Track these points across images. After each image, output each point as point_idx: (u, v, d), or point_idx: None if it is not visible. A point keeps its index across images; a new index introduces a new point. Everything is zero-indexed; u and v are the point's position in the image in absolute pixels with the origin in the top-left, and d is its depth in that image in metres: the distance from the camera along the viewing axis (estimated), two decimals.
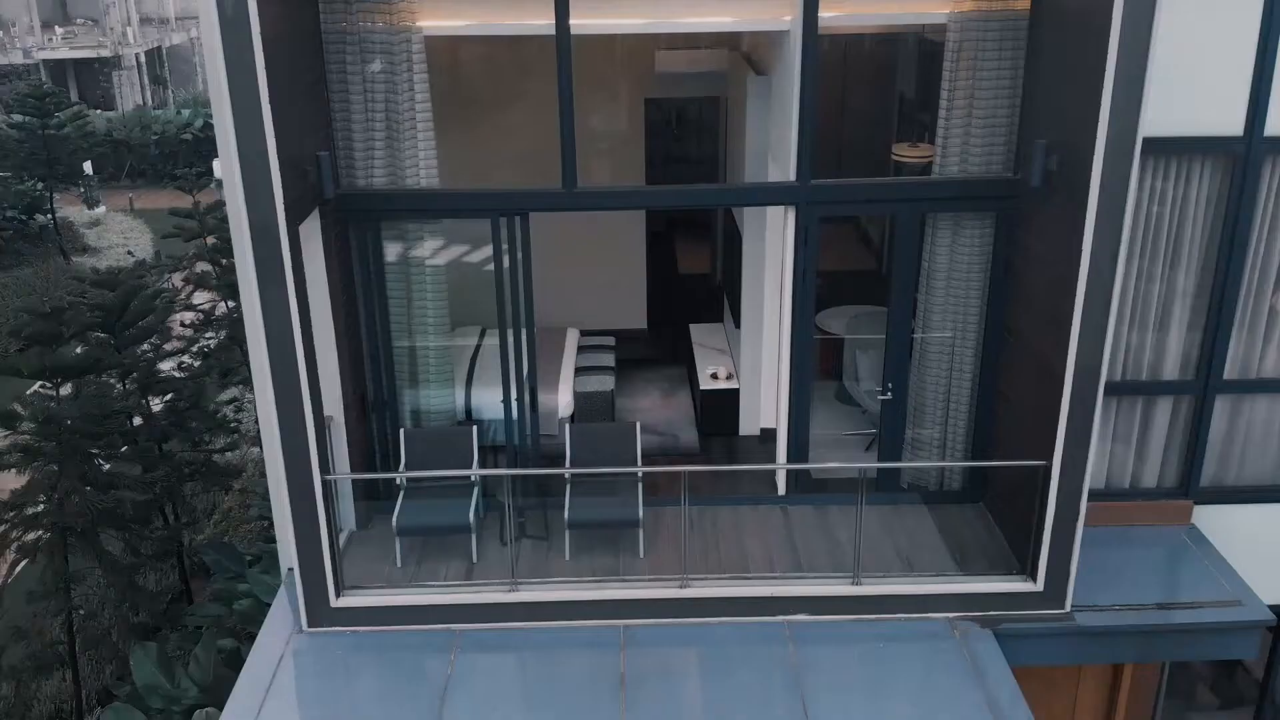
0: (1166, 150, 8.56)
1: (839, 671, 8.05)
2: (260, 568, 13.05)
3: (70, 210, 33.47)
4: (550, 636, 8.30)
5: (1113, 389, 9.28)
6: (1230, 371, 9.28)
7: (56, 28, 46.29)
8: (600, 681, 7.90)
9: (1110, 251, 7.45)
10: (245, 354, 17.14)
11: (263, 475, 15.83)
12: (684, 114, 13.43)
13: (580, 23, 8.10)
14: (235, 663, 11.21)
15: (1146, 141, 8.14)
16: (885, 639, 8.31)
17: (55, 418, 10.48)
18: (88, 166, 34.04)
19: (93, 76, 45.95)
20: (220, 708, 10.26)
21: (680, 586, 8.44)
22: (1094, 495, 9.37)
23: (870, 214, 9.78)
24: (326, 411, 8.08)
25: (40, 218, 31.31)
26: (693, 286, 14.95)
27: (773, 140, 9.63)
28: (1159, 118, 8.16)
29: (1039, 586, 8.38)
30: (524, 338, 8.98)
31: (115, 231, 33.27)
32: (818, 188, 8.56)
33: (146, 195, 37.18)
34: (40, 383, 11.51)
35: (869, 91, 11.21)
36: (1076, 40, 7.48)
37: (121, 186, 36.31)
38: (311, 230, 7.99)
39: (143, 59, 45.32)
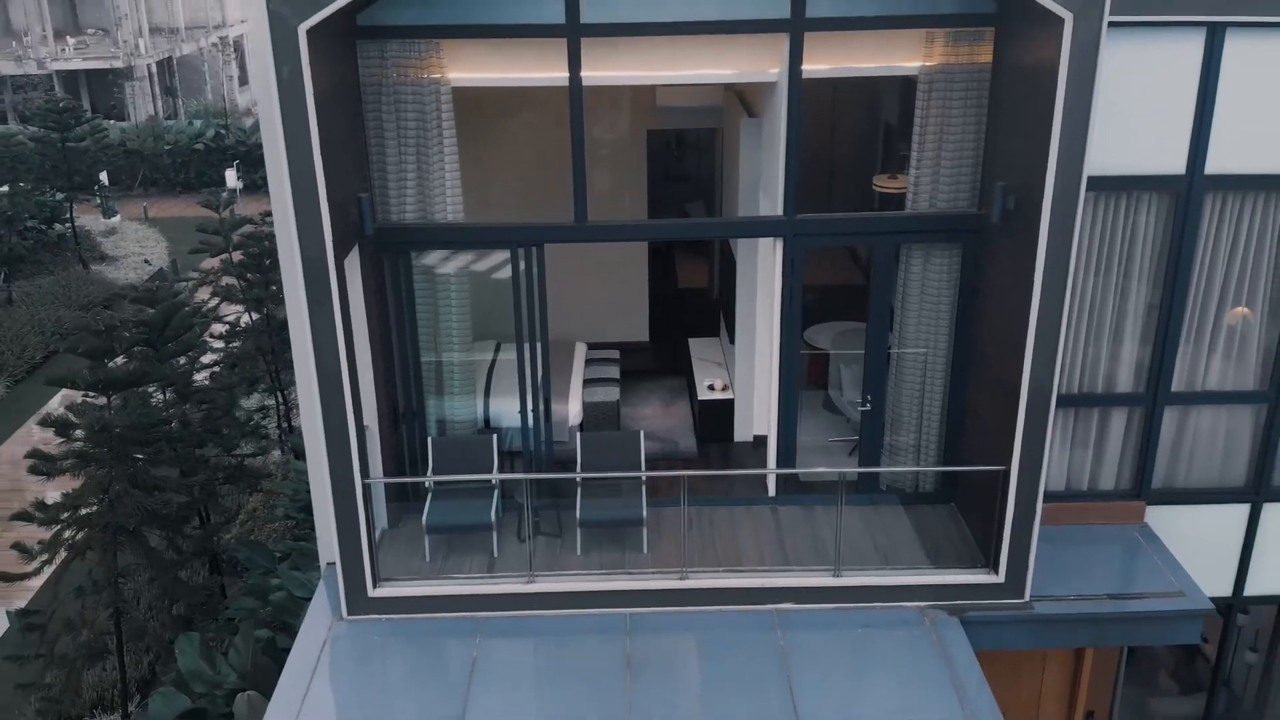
0: (1118, 187, 9.55)
1: (821, 654, 9.01)
2: (289, 564, 14.04)
3: (86, 219, 34.34)
4: (563, 623, 9.28)
5: (1072, 400, 10.28)
6: (1178, 384, 10.26)
7: (68, 38, 47.19)
8: (608, 663, 8.87)
9: (1059, 282, 8.43)
10: (268, 364, 18.20)
11: (284, 478, 16.86)
12: (683, 143, 14.39)
13: (590, 75, 9.07)
14: (272, 651, 12.20)
15: (1101, 179, 9.23)
16: (863, 625, 9.29)
17: (108, 426, 11.44)
18: (103, 177, 34.94)
19: (104, 86, 46.87)
20: (261, 692, 11.31)
21: (680, 578, 9.42)
22: (1055, 496, 10.44)
23: (850, 245, 10.73)
24: (364, 422, 9.05)
25: (58, 226, 32.21)
26: (692, 301, 15.88)
27: (763, 176, 10.61)
28: (1111, 159, 9.25)
29: (1001, 578, 9.35)
30: (539, 354, 9.96)
31: (131, 240, 34.14)
32: (803, 221, 9.55)
33: (159, 204, 38.13)
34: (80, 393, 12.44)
35: (855, 125, 12.16)
36: (1029, 94, 8.46)
37: (134, 195, 37.18)
38: (351, 260, 8.96)
39: (154, 70, 46.21)
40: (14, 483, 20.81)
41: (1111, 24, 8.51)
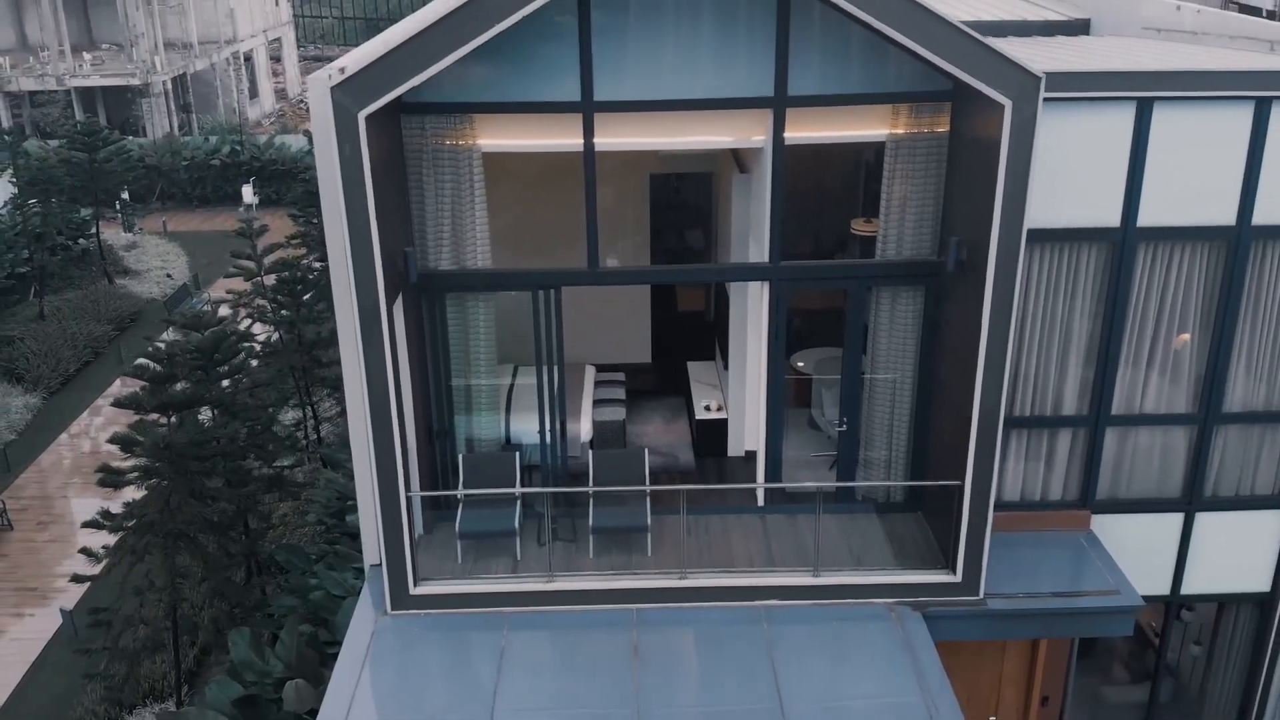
0: (1064, 238, 10.96)
1: (802, 644, 10.42)
2: (324, 564, 15.43)
3: (107, 233, 35.65)
4: (578, 617, 10.69)
5: (1025, 422, 11.70)
6: (1118, 408, 11.67)
7: (85, 53, 48.56)
8: (618, 652, 10.29)
9: (1004, 322, 9.84)
10: (297, 381, 19.59)
11: (312, 485, 18.25)
12: (682, 178, 15.75)
13: (602, 141, 10.48)
14: (314, 644, 13.62)
15: (1049, 231, 10.67)
16: (838, 619, 10.70)
17: (170, 444, 12.83)
18: (125, 194, 36.32)
19: (120, 101, 48.27)
20: (309, 680, 12.72)
21: (680, 578, 10.82)
22: (1010, 505, 11.87)
23: (828, 289, 12.14)
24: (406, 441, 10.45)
25: (83, 241, 33.59)
26: (690, 323, 17.27)
27: (752, 225, 12.03)
28: (1058, 213, 10.69)
29: (958, 578, 10.76)
30: (556, 381, 11.37)
31: (152, 254, 35.48)
32: (787, 267, 10.96)
33: (177, 217, 39.52)
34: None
35: (836, 175, 13.55)
36: (978, 161, 9.86)
37: (152, 209, 38.51)
38: (395, 302, 10.36)
39: (170, 86, 47.60)
40: (53, 490, 22.26)
41: (1057, 99, 10.03)
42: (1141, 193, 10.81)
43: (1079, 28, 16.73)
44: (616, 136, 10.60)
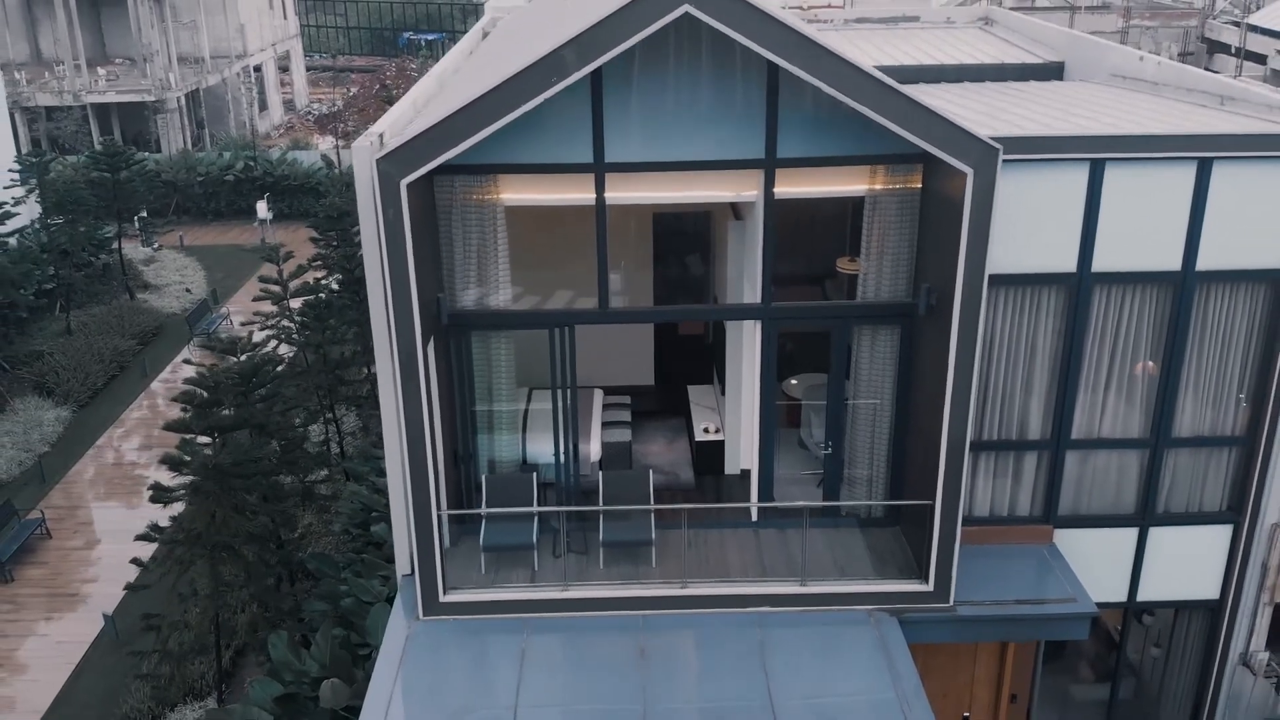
0: (1026, 282, 12.20)
1: (790, 646, 11.66)
2: (351, 571, 16.66)
3: (126, 247, 36.81)
4: (591, 622, 11.92)
5: (993, 445, 12.94)
6: (1077, 433, 12.91)
7: (99, 68, 49.81)
8: (626, 653, 11.53)
9: (968, 359, 11.08)
10: (321, 399, 20.83)
11: (335, 497, 19.49)
12: (682, 215, 16.93)
13: (611, 196, 11.72)
14: (346, 646, 14.85)
15: (1013, 276, 11.93)
16: (823, 624, 11.94)
17: (219, 465, 14.08)
18: (143, 210, 37.55)
19: (134, 114, 49.53)
20: (343, 679, 13.94)
21: (681, 587, 12.06)
22: (980, 520, 13.13)
23: (814, 328, 13.37)
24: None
25: (104, 257, 34.82)
26: (690, 346, 18.45)
27: (746, 267, 13.27)
28: (1020, 260, 11.93)
29: (930, 587, 12.00)
30: (570, 409, 12.62)
31: (171, 269, 36.69)
32: (776, 308, 12.21)
33: (192, 231, 40.78)
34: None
35: (823, 219, 14.75)
36: (945, 217, 11.11)
37: (169, 224, 39.71)
38: (429, 342, 11.60)
39: (184, 102, 48.87)
40: (87, 500, 23.50)
41: (1019, 160, 11.28)
42: (1096, 241, 12.06)
43: (1053, 71, 18.03)
44: (625, 191, 11.84)
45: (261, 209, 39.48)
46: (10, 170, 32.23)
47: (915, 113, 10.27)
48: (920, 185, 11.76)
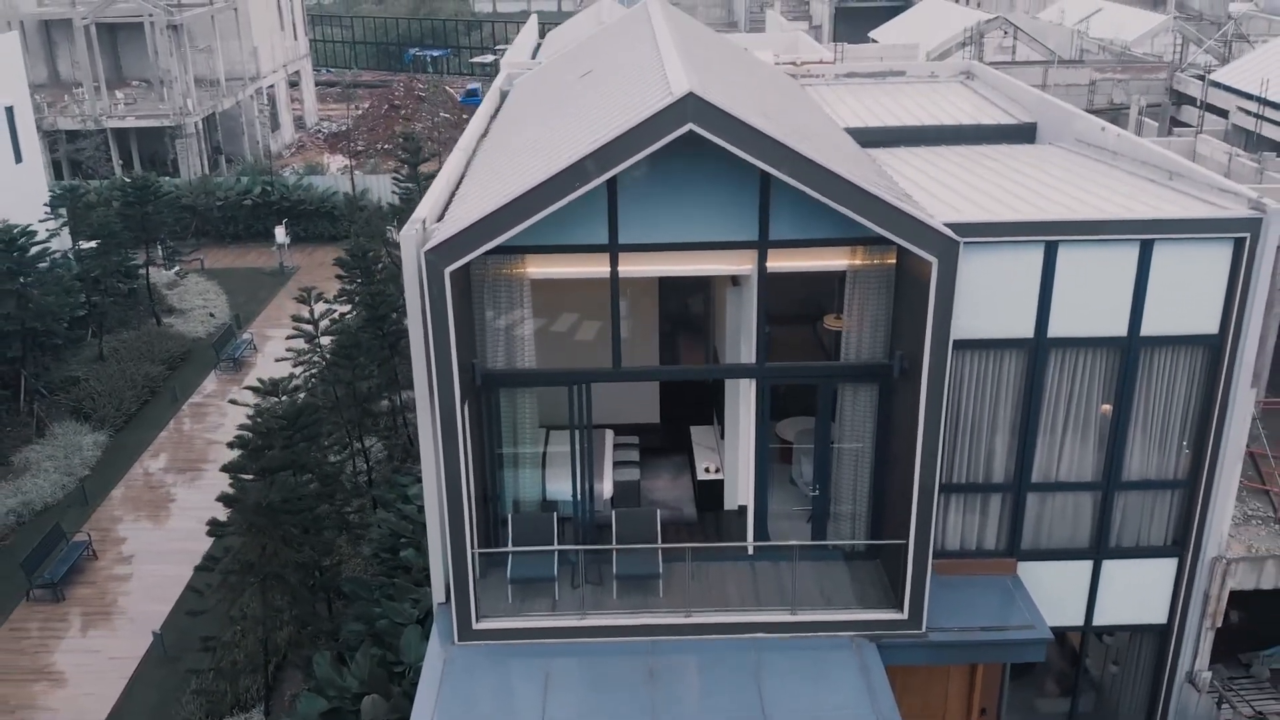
0: (989, 346, 13.82)
1: (782, 669, 13.26)
2: (382, 592, 18.24)
3: (150, 271, 38.37)
4: (605, 647, 13.52)
5: (961, 488, 14.55)
6: (1037, 477, 14.52)
7: (117, 92, 51.42)
8: (636, 674, 13.13)
9: (935, 418, 12.68)
10: (349, 432, 22.42)
11: (368, 526, 21.09)
12: (686, 287, 18.53)
13: (624, 270, 13.33)
14: (384, 665, 16.45)
15: (976, 340, 13.53)
16: (811, 648, 13.54)
17: (270, 503, 15.69)
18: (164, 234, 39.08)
19: (152, 137, 51.16)
20: (381, 694, 15.52)
21: (686, 615, 13.68)
22: (951, 554, 14.74)
23: (803, 383, 15.01)
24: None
25: (130, 282, 36.38)
26: (693, 388, 19.99)
27: (742, 329, 14.89)
28: (984, 325, 13.52)
29: (905, 615, 13.60)
30: (586, 454, 14.22)
31: (194, 293, 38.22)
32: (769, 368, 13.83)
33: (212, 254, 42.36)
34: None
35: (812, 282, 16.33)
36: (914, 292, 12.71)
37: (190, 248, 41.20)
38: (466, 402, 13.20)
39: (201, 126, 50.49)
40: (128, 521, 25.10)
41: (981, 243, 12.89)
42: (1051, 311, 13.67)
43: (1026, 133, 19.68)
44: (635, 266, 13.45)
45: (280, 234, 41.03)
46: (44, 205, 33.77)
47: (888, 212, 11.90)
48: (894, 262, 13.36)
